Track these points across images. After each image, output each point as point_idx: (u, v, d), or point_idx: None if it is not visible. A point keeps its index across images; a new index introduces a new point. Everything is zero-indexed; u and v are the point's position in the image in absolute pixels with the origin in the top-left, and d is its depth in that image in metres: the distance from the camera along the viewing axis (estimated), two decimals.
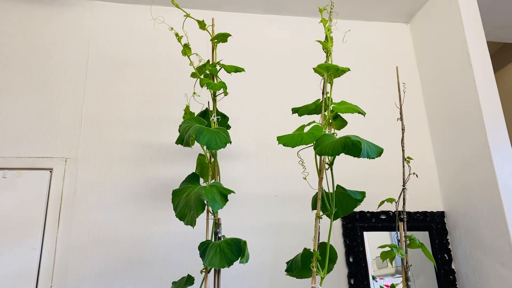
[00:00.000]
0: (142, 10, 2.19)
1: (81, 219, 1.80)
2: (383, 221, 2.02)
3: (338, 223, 2.00)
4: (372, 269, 1.93)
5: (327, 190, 1.31)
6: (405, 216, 1.45)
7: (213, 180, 1.40)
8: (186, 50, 1.47)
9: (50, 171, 1.84)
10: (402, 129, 1.52)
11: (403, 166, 1.48)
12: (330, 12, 1.42)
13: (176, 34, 1.46)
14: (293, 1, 2.24)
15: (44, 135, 1.90)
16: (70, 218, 1.79)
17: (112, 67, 2.07)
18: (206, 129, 1.26)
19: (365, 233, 1.98)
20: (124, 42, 2.13)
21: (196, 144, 1.31)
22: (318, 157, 1.31)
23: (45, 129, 1.91)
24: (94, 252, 1.77)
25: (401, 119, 1.54)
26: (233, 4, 2.24)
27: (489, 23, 2.46)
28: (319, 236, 1.26)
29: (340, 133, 1.29)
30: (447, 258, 2.00)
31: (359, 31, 2.39)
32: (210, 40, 1.51)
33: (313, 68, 1.36)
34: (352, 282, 1.89)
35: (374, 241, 1.97)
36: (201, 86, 1.44)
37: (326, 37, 1.39)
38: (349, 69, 1.36)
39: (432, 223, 2.06)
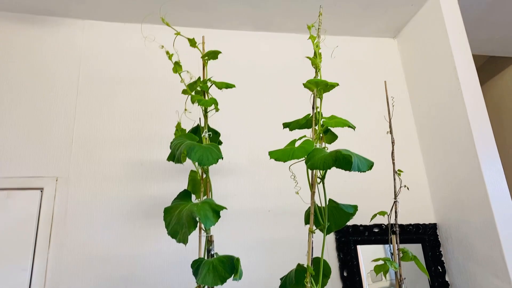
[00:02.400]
0: (133, 28, 2.21)
1: (72, 238, 1.78)
2: (376, 234, 2.02)
3: (331, 237, 1.99)
4: (366, 283, 1.92)
5: (319, 205, 1.32)
6: (397, 228, 1.45)
7: (205, 197, 1.40)
8: (177, 67, 1.49)
9: (41, 191, 1.83)
10: (392, 143, 1.54)
11: (394, 179, 1.49)
12: (318, 29, 1.45)
13: (167, 52, 1.47)
14: (282, 18, 2.28)
15: (35, 154, 1.89)
16: (61, 238, 1.77)
17: (103, 85, 2.08)
18: (197, 145, 1.27)
19: (359, 247, 1.98)
20: (115, 61, 2.14)
21: (188, 161, 1.31)
22: (309, 171, 1.31)
23: (35, 148, 1.90)
24: (85, 272, 1.74)
25: (391, 132, 1.55)
26: (223, 22, 2.27)
27: (475, 37, 2.51)
28: (312, 251, 1.26)
29: (331, 147, 1.29)
30: (440, 270, 2.00)
31: (348, 47, 2.42)
32: (201, 57, 1.53)
33: (303, 84, 1.37)
34: None
35: (368, 255, 1.97)
36: (192, 103, 1.45)
37: (315, 53, 1.41)
38: (338, 84, 1.37)
39: (425, 235, 2.06)
